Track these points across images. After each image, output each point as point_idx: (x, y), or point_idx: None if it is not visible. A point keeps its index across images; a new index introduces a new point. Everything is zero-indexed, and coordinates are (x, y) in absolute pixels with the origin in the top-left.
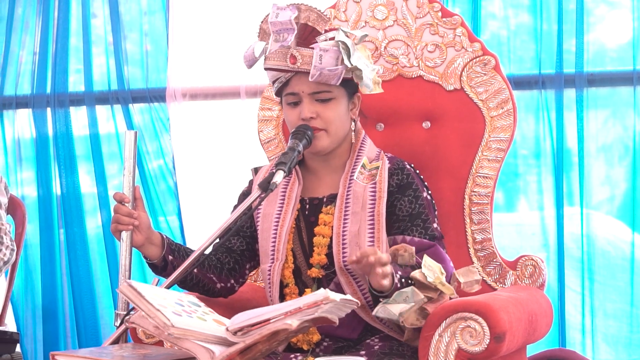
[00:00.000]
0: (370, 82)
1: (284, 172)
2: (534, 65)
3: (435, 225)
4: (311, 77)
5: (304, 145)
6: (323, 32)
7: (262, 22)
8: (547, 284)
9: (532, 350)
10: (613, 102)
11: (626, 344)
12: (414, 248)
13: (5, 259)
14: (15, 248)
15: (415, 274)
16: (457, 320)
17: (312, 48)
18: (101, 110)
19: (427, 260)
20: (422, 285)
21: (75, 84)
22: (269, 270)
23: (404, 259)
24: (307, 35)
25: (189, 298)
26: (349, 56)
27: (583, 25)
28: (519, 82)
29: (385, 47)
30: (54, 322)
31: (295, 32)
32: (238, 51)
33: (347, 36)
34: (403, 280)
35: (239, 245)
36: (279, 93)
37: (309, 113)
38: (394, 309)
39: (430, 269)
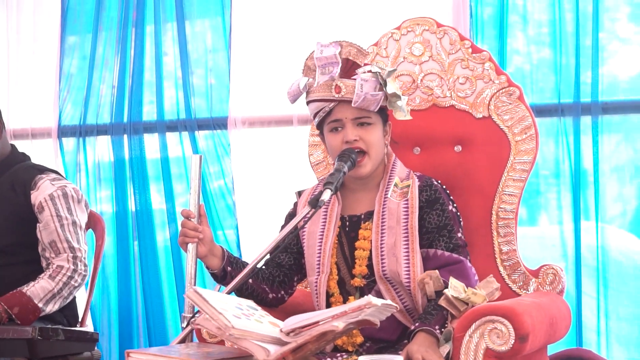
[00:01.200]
0: (404, 108)
1: (331, 190)
2: (554, 95)
3: (459, 234)
4: (354, 103)
5: (349, 167)
6: (362, 65)
7: (307, 59)
8: (566, 290)
9: (552, 349)
10: (625, 127)
11: (637, 344)
12: (437, 272)
13: (76, 284)
14: (87, 273)
15: (442, 301)
16: (486, 322)
17: (354, 79)
18: (171, 136)
19: (452, 281)
20: (453, 303)
21: (149, 113)
22: (316, 282)
23: (430, 287)
24: (348, 68)
25: (247, 303)
26: (385, 84)
27: (598, 59)
28: (541, 110)
29: (421, 80)
30: (128, 323)
31: (340, 64)
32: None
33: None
34: (438, 328)
35: (287, 260)
36: (320, 124)
37: (352, 135)
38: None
39: (456, 289)
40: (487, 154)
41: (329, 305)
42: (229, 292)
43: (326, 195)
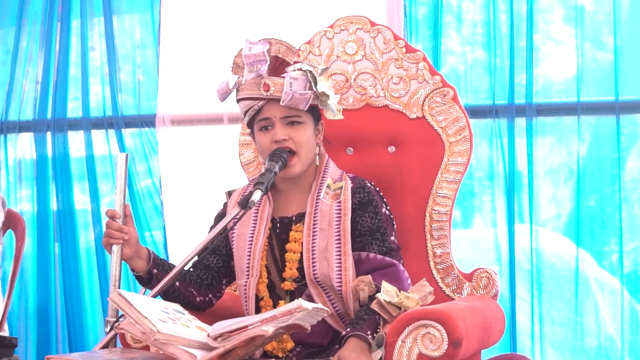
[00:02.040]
0: (335, 107)
1: (262, 191)
2: (488, 96)
3: (392, 238)
4: (282, 101)
5: (280, 167)
6: (292, 62)
7: (235, 56)
8: (500, 294)
9: (486, 355)
10: (559, 130)
11: (571, 349)
12: (370, 277)
13: None
14: None
15: (374, 306)
16: (418, 327)
17: (283, 77)
18: (96, 134)
19: (385, 285)
20: (386, 307)
21: (74, 110)
22: (245, 285)
23: (364, 293)
24: (277, 66)
25: (173, 306)
26: (315, 83)
27: (532, 60)
28: (475, 112)
29: (355, 79)
30: (47, 328)
31: (268, 62)
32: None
33: (312, 67)
34: (370, 334)
35: (215, 262)
36: (250, 123)
37: (281, 135)
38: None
39: (388, 294)
40: (421, 155)
41: (258, 309)
42: (154, 296)
43: (256, 195)
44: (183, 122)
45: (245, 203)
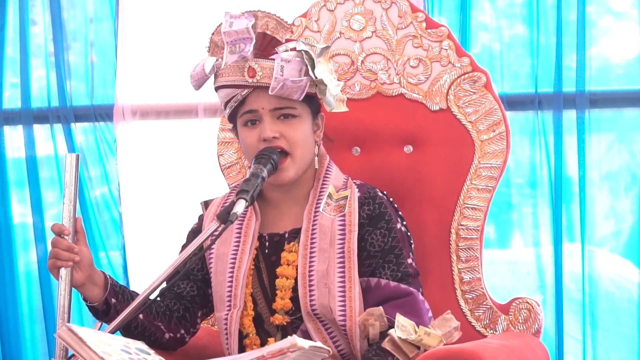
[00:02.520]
0: (333, 99)
1: (246, 201)
2: (529, 83)
3: (409, 260)
4: (271, 90)
5: (269, 170)
6: (284, 41)
7: (212, 34)
8: (544, 330)
9: None
10: (618, 125)
11: None
12: (381, 309)
13: None
14: None
15: (387, 344)
16: None
17: (273, 59)
18: (39, 129)
19: (400, 319)
20: (401, 346)
21: (11, 99)
22: (226, 318)
23: (374, 329)
24: (266, 46)
25: (136, 345)
26: (313, 67)
27: (585, 38)
28: (513, 102)
29: (362, 62)
30: None
31: (254, 41)
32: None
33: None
34: None
35: (189, 290)
36: (232, 116)
37: (271, 132)
38: None
39: (404, 329)
40: (444, 157)
41: (242, 348)
42: (113, 331)
43: (240, 207)
44: (147, 115)
45: (225, 216)
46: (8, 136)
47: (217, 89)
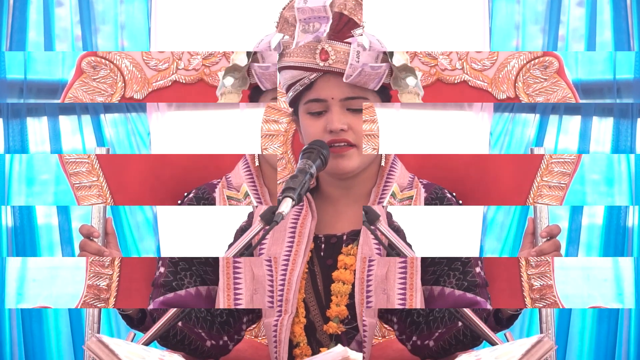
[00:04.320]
0: (418, 88)
1: (293, 199)
2: (607, 68)
3: (478, 269)
4: (346, 78)
5: (318, 166)
6: (361, 24)
7: (284, 8)
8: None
9: None
10: None
11: None
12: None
13: None
14: None
15: None
16: None
17: (348, 42)
18: (65, 121)
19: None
20: None
21: None
22: (275, 325)
23: None
24: (341, 27)
25: (173, 357)
26: (392, 54)
27: None
28: (589, 90)
29: None
30: None
31: (330, 20)
32: (239, 48)
33: None
34: None
35: None
36: (294, 102)
37: (339, 124)
38: None
39: None
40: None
41: (292, 359)
42: (149, 340)
43: (285, 206)
44: (184, 105)
45: (270, 216)
46: (32, 129)
47: (280, 69)
